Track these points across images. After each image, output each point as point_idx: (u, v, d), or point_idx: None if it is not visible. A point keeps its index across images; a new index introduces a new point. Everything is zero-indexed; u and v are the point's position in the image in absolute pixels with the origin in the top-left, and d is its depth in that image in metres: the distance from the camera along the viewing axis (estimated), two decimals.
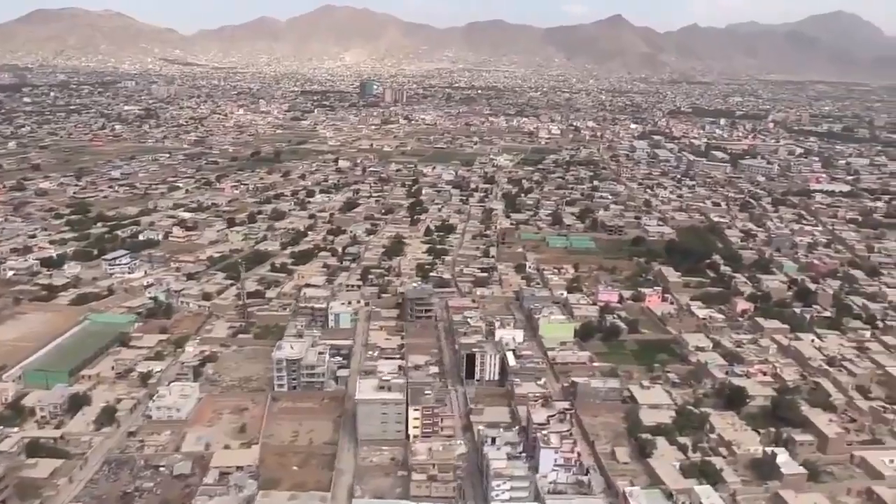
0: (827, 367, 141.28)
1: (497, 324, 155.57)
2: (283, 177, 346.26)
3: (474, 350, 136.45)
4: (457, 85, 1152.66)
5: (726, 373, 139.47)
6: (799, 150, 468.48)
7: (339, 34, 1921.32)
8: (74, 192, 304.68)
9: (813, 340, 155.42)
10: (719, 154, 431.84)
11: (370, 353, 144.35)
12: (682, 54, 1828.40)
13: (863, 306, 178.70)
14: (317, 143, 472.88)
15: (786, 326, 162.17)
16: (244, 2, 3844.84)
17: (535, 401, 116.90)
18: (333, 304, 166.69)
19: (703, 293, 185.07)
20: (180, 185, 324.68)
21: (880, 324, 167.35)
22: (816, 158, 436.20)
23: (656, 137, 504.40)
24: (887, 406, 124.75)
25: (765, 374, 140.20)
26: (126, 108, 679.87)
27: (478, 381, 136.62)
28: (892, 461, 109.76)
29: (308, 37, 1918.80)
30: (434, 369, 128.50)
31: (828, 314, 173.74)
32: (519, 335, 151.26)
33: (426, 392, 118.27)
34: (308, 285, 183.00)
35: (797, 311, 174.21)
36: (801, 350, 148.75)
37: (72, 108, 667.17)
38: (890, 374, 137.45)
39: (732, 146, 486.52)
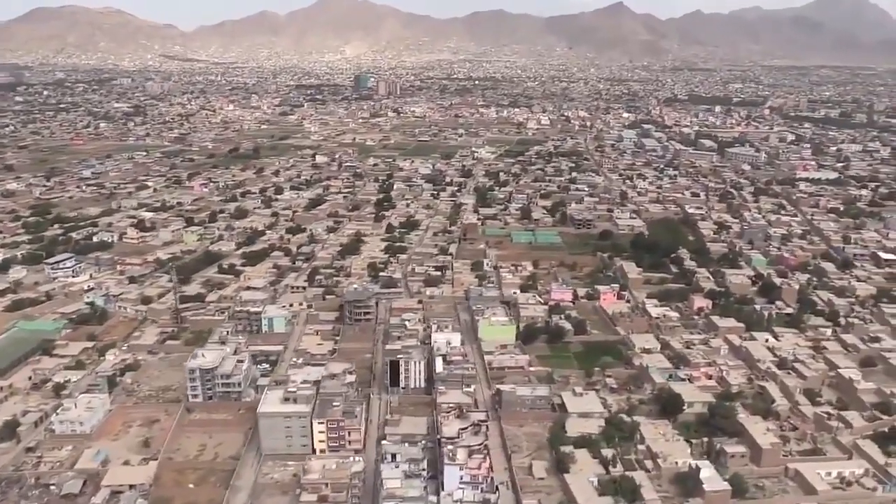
0: (776, 369, 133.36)
1: (434, 327, 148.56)
2: (256, 174, 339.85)
3: (399, 356, 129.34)
4: (454, 76, 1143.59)
5: (670, 376, 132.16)
6: (791, 137, 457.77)
7: (339, 27, 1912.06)
8: (41, 193, 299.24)
9: (767, 340, 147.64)
10: (707, 143, 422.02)
11: (294, 359, 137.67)
12: (684, 41, 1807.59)
13: (828, 302, 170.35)
14: (300, 139, 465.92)
15: (741, 325, 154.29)
16: None
17: (449, 411, 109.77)
18: (268, 308, 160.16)
19: (663, 290, 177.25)
20: (150, 183, 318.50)
21: (843, 321, 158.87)
22: (808, 145, 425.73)
23: (646, 126, 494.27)
24: (831, 413, 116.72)
25: (710, 377, 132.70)
26: (116, 105, 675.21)
27: (403, 388, 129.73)
28: (829, 474, 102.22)
29: (308, 30, 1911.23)
30: (350, 378, 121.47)
31: (789, 311, 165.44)
32: (456, 338, 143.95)
33: (334, 404, 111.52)
34: (248, 288, 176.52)
35: (757, 307, 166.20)
36: (752, 351, 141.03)
37: (62, 106, 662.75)
38: (842, 376, 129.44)
39: (723, 134, 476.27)
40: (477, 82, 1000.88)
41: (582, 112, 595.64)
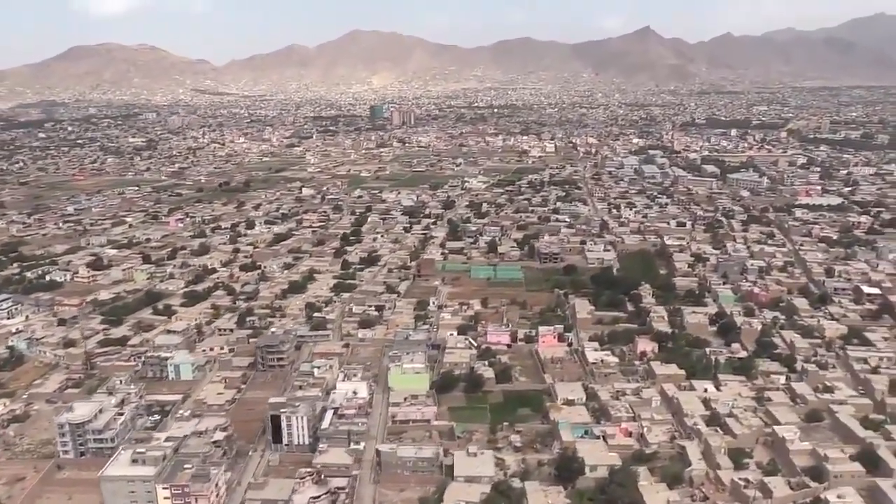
0: (704, 425, 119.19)
1: (341, 375, 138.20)
2: (237, 208, 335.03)
3: (281, 410, 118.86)
4: (475, 104, 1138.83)
5: (585, 432, 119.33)
6: (801, 160, 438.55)
7: (366, 58, 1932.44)
8: (17, 231, 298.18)
9: (706, 390, 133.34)
10: (710, 168, 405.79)
11: (181, 412, 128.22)
12: (712, 64, 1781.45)
13: (790, 344, 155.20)
14: (297, 170, 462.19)
15: (681, 372, 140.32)
16: (274, 31, 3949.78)
17: (306, 476, 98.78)
18: (176, 354, 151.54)
19: (609, 332, 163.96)
20: (129, 220, 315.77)
21: (800, 366, 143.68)
22: (818, 169, 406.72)
23: (652, 152, 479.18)
24: (751, 481, 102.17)
25: (629, 434, 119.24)
26: (130, 140, 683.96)
27: (286, 445, 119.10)
28: None
29: (336, 62, 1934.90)
30: (221, 434, 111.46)
31: (743, 355, 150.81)
32: (362, 388, 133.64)
33: (186, 466, 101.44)
34: (169, 331, 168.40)
35: (709, 351, 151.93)
36: (684, 403, 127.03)
37: (79, 142, 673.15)
38: (777, 435, 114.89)
39: (731, 158, 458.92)
40: (496, 110, 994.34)
41: (590, 139, 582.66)
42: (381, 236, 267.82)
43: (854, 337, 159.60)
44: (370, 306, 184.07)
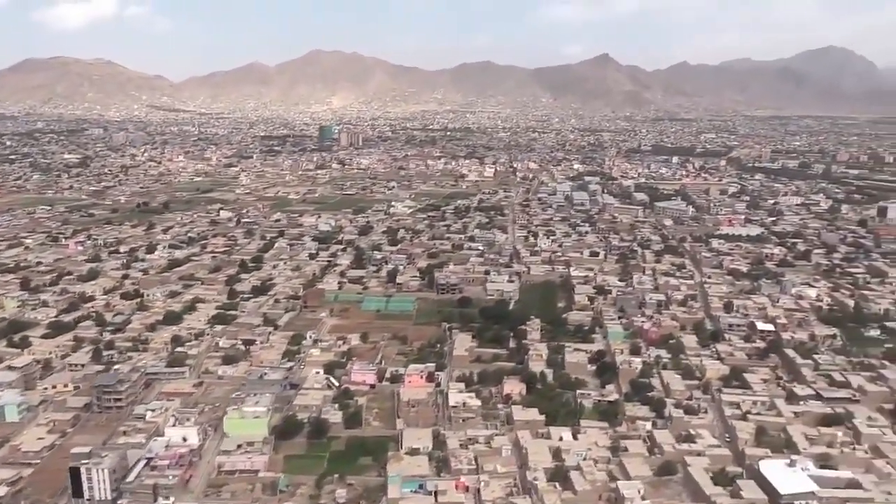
0: (544, 479, 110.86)
1: (172, 419, 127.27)
2: (146, 230, 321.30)
3: (82, 461, 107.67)
4: (429, 126, 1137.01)
5: (420, 486, 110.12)
6: (733, 189, 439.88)
7: (327, 78, 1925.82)
8: None
9: (561, 438, 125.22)
10: (640, 196, 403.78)
11: None
12: (668, 92, 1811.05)
13: (665, 386, 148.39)
14: (225, 192, 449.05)
15: (541, 418, 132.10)
16: (234, 49, 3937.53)
17: None
18: (3, 394, 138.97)
19: (480, 371, 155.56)
20: (28, 241, 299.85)
21: (669, 411, 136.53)
22: (747, 198, 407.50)
23: (588, 178, 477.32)
24: None
25: (466, 489, 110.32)
26: (66, 156, 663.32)
27: (88, 500, 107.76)
28: None
29: (296, 81, 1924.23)
30: (13, 489, 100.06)
31: (614, 398, 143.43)
32: (192, 434, 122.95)
33: None
34: (9, 367, 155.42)
35: (577, 393, 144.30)
36: (532, 453, 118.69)
37: (12, 157, 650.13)
38: (620, 492, 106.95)
39: (665, 186, 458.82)
40: (448, 133, 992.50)
41: (531, 163, 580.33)
42: (284, 263, 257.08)
43: (735, 378, 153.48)
44: (239, 340, 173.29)
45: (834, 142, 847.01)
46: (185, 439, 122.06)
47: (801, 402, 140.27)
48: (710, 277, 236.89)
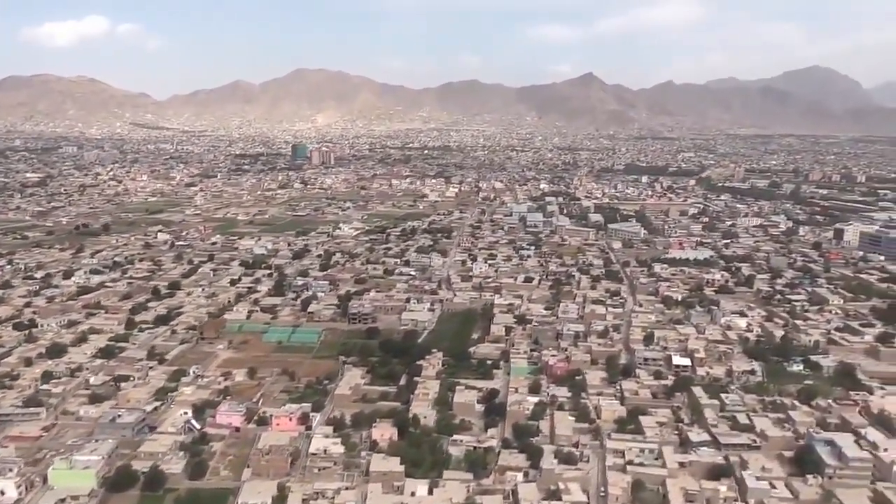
0: None
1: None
2: (74, 254, 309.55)
3: None
4: (409, 145, 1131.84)
5: None
6: (694, 210, 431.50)
7: (312, 96, 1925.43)
8: None
9: (414, 493, 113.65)
10: (595, 217, 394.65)
11: None
12: (652, 111, 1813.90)
13: (552, 431, 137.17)
14: (175, 212, 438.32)
15: (400, 469, 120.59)
16: (219, 67, 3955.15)
17: None
18: None
19: (354, 413, 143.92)
20: None
21: (546, 461, 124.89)
22: (706, 219, 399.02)
23: (549, 199, 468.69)
24: None
25: None
26: (28, 175, 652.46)
27: None
28: None
29: (281, 99, 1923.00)
30: None
31: (491, 444, 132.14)
32: (10, 487, 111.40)
33: None
34: None
35: (451, 439, 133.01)
36: None
37: None
38: None
39: (626, 206, 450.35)
40: (427, 151, 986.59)
41: (498, 183, 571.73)
42: (202, 289, 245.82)
43: (632, 421, 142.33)
44: (112, 377, 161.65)
45: (811, 161, 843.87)
46: (2, 493, 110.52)
47: (693, 450, 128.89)
48: (640, 306, 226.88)
